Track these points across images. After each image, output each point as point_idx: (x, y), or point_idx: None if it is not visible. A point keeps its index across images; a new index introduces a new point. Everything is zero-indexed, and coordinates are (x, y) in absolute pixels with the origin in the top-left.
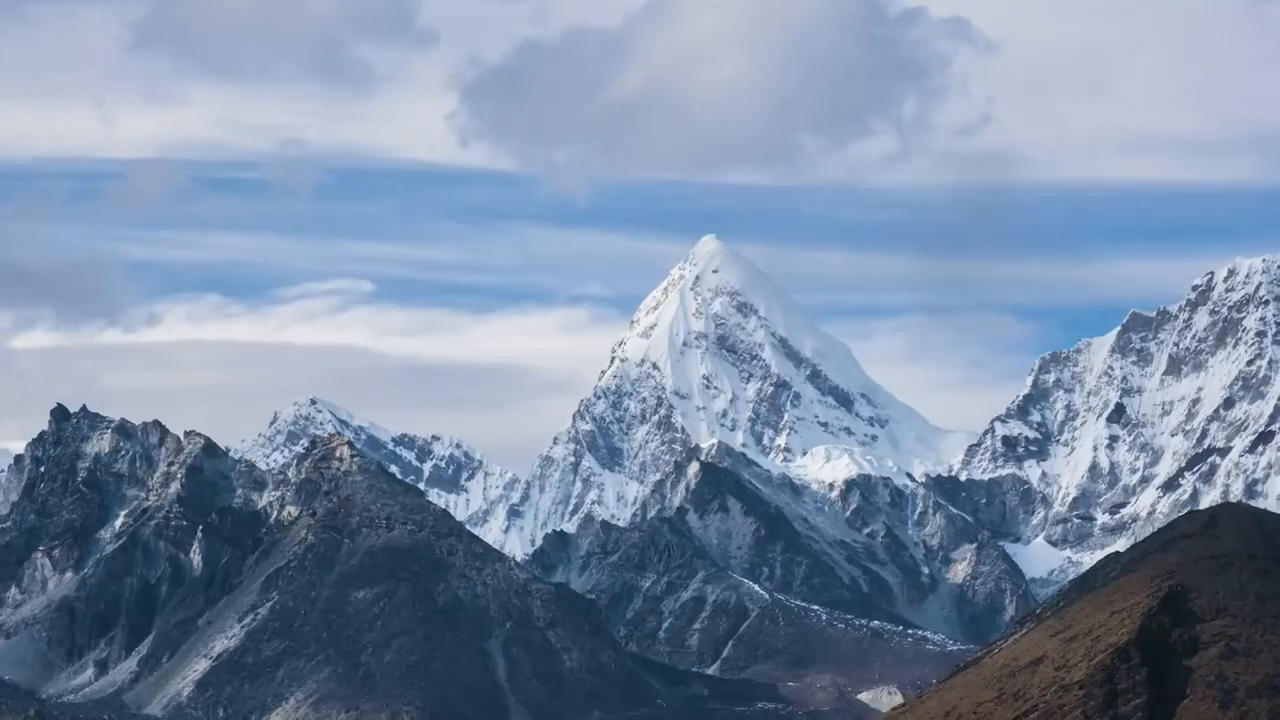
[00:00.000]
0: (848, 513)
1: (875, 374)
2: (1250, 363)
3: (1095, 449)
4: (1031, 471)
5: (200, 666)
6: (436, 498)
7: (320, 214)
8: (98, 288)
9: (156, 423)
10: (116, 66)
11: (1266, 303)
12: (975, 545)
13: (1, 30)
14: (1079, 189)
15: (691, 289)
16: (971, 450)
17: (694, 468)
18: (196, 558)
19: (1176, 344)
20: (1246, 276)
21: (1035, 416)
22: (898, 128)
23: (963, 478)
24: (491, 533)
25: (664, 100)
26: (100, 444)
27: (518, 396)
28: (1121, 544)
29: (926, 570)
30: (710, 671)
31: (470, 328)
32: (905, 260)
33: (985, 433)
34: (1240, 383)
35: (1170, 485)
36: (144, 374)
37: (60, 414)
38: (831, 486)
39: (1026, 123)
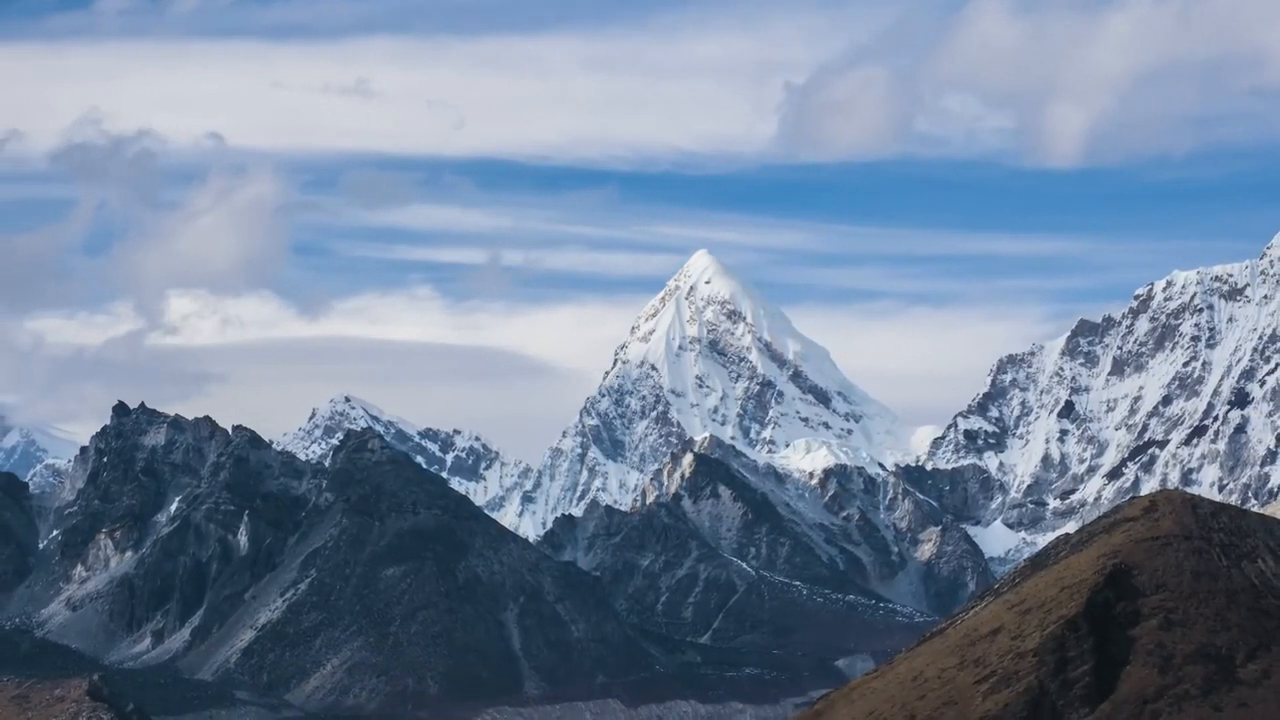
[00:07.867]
0: (826, 498)
1: None
2: (1186, 364)
3: (1047, 441)
4: (990, 461)
5: (246, 636)
6: (458, 485)
7: None
8: None
9: (207, 418)
10: None
11: (1200, 311)
12: (940, 528)
13: None
14: None
15: (686, 298)
16: (937, 443)
17: (688, 458)
18: (243, 539)
19: (1120, 348)
20: (1183, 287)
21: (994, 412)
22: None
23: (929, 467)
24: (507, 516)
25: None
26: (156, 437)
27: None
28: (1071, 526)
29: (896, 550)
30: (703, 641)
31: None
32: None
33: (949, 427)
34: (1177, 382)
35: (1114, 474)
36: None
37: (121, 410)
38: (811, 475)
39: None
